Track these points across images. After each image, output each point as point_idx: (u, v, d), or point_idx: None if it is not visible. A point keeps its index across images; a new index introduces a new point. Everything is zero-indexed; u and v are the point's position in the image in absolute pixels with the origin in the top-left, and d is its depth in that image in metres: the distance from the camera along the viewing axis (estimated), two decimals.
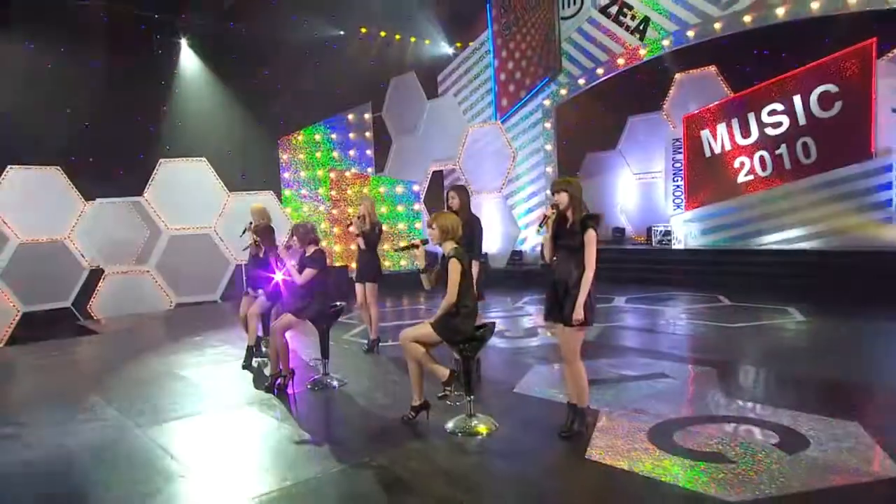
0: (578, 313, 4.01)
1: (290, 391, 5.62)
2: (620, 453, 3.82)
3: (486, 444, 4.22)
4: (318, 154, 14.15)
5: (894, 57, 10.96)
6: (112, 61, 13.73)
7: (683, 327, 7.92)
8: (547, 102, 13.20)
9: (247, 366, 6.64)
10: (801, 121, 10.88)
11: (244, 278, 7.29)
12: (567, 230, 4.15)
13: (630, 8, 11.78)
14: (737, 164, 11.75)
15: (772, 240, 11.36)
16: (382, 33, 17.45)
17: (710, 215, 12.18)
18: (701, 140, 12.19)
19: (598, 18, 12.27)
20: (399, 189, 13.88)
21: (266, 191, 13.08)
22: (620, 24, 11.95)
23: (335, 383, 5.79)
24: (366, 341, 7.25)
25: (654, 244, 12.97)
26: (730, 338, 7.21)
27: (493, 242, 13.39)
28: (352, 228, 7.15)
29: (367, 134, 14.55)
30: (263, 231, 7.05)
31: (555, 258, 4.24)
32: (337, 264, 13.52)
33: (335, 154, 14.28)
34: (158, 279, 12.10)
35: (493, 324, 4.46)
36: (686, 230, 12.48)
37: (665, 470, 3.57)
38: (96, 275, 11.94)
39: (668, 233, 12.63)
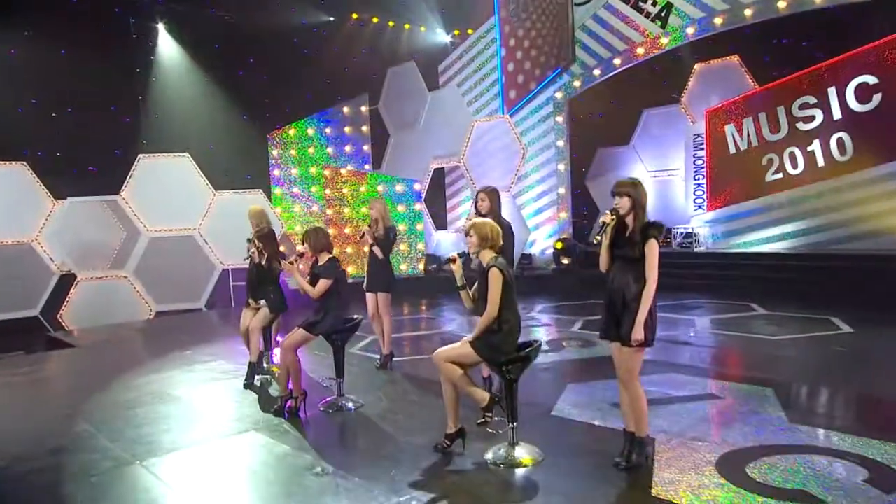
0: (638, 332, 3.83)
1: (301, 415, 5.38)
2: (692, 489, 3.63)
3: (532, 478, 4.02)
4: (311, 150, 13.89)
5: None
6: (82, 47, 13.38)
7: (721, 339, 7.78)
8: (559, 95, 13.05)
9: (249, 384, 6.39)
10: (837, 115, 10.80)
11: (246, 288, 6.99)
12: (626, 238, 3.96)
13: None
14: (764, 162, 11.66)
15: (803, 243, 11.30)
16: (375, 19, 17.26)
17: (735, 216, 12.12)
18: (725, 135, 12.12)
19: (616, 4, 12.13)
20: (399, 188, 13.66)
21: (255, 189, 12.82)
22: (640, 10, 11.82)
23: (351, 405, 5.56)
24: (378, 356, 7.02)
25: (674, 246, 12.85)
26: (775, 351, 7.05)
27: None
28: (366, 238, 6.75)
29: (364, 128, 14.32)
30: (266, 237, 6.81)
31: (611, 270, 4.06)
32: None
33: (329, 150, 14.02)
34: (137, 285, 11.81)
35: (539, 342, 4.25)
36: (708, 232, 12.39)
37: None
38: (67, 281, 11.62)
39: (689, 234, 12.52)
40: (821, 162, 11.05)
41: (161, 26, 14.72)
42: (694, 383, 5.74)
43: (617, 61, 12.23)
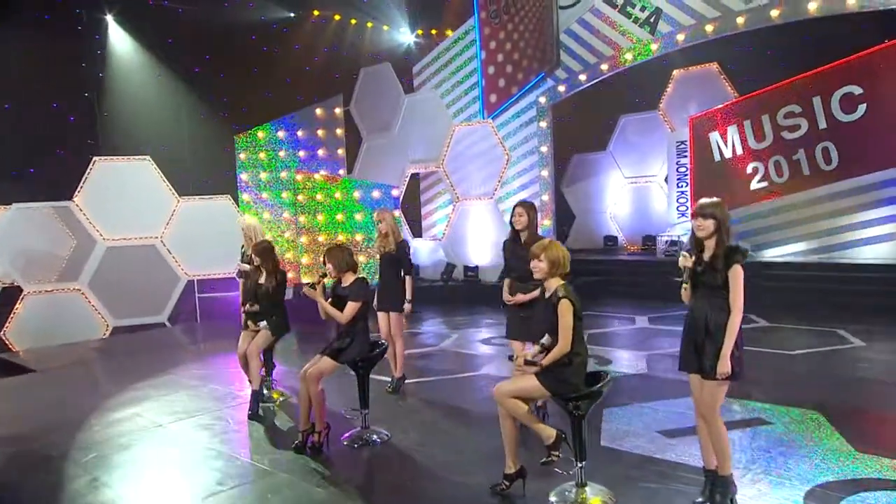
0: (725, 365, 3.66)
1: (324, 449, 5.03)
2: None
3: None
4: (282, 153, 13.35)
5: None
6: (22, 38, 12.51)
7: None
8: (542, 100, 12.93)
9: (253, 415, 5.95)
10: (822, 124, 11.05)
11: (241, 309, 6.55)
12: (707, 263, 3.80)
13: None
14: (749, 170, 11.86)
15: (787, 251, 11.57)
16: (337, 16, 16.86)
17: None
18: (710, 143, 12.26)
19: (602, 8, 12.09)
20: (376, 194, 13.28)
21: (222, 195, 12.23)
22: (628, 15, 11.81)
23: (377, 438, 5.25)
24: (388, 379, 6.69)
25: (657, 255, 12.94)
26: (799, 368, 7.12)
27: (483, 254, 13.05)
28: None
29: (339, 131, 13.86)
30: (264, 252, 6.37)
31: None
32: (304, 280, 12.78)
33: (301, 154, 13.51)
34: (91, 299, 11.05)
35: (610, 376, 4.04)
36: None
37: None
38: (12, 295, 10.77)
39: (674, 242, 12.63)
40: (806, 171, 11.30)
41: (110, 18, 13.94)
42: (730, 406, 5.66)
43: (604, 67, 12.19)
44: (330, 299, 5.19)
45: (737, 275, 3.70)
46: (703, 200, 3.91)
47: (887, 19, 10.73)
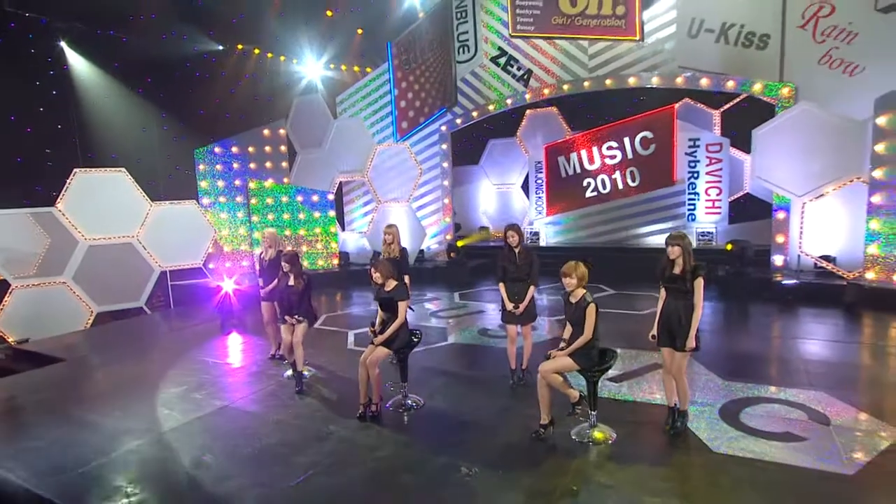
0: (691, 343, 4.21)
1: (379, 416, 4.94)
2: (728, 441, 4.13)
3: (615, 449, 4.21)
4: (236, 165, 12.16)
5: (684, 115, 12.98)
6: None
7: (614, 317, 8.09)
8: (444, 128, 13.03)
9: (300, 391, 5.65)
10: (630, 155, 12.17)
11: (280, 307, 6.06)
12: (678, 276, 4.29)
13: (516, 61, 12.09)
14: (584, 183, 12.75)
15: (610, 238, 12.86)
16: (256, 50, 15.55)
17: (565, 220, 13.33)
18: (558, 164, 13.05)
19: (490, 66, 12.37)
20: (315, 198, 12.62)
21: (188, 200, 10.93)
22: (508, 72, 12.21)
23: (413, 403, 5.24)
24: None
25: (525, 241, 13.68)
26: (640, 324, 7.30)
27: (403, 242, 12.92)
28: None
29: (283, 147, 12.87)
30: (293, 259, 5.96)
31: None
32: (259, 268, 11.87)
33: (252, 165, 12.40)
34: (76, 289, 9.49)
35: (615, 353, 4.42)
36: (547, 231, 13.49)
37: None
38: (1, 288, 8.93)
39: (535, 233, 13.48)
40: (620, 186, 12.47)
41: (63, 44, 11.66)
42: (638, 356, 6.27)
43: (491, 107, 12.54)
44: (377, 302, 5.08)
45: (699, 284, 4.21)
46: (673, 234, 4.35)
47: (667, 94, 12.16)
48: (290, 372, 6.14)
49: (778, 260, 10.01)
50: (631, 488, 3.63)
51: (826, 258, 9.38)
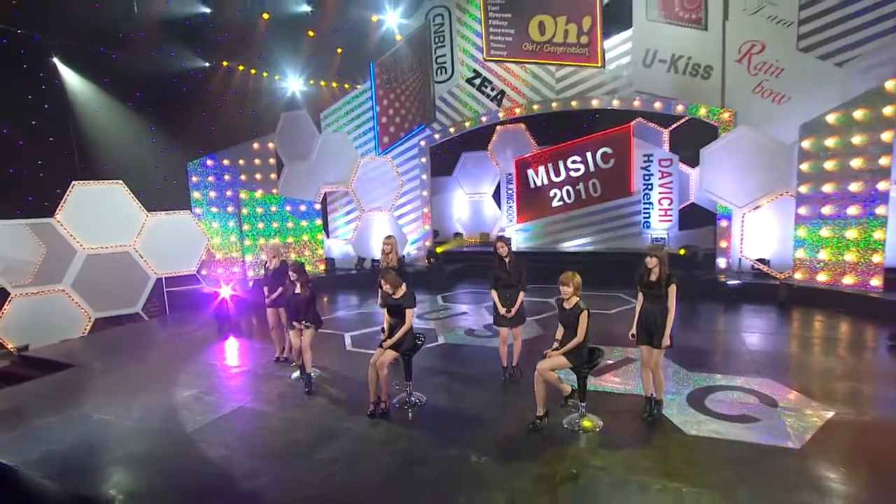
0: (667, 341, 4.53)
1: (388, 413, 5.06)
2: (698, 425, 4.48)
3: (603, 435, 4.47)
4: (227, 176, 11.95)
5: (638, 133, 13.53)
6: None
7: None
8: (423, 143, 13.18)
9: (309, 391, 5.71)
10: (592, 168, 12.70)
11: (288, 313, 6.08)
12: (654, 283, 4.60)
13: (490, 82, 12.38)
14: (551, 194, 13.20)
15: (574, 243, 13.29)
16: (241, 67, 15.34)
17: (533, 227, 13.70)
18: (528, 176, 13.46)
19: (465, 86, 12.62)
20: (302, 207, 12.54)
21: (183, 210, 10.70)
22: (483, 92, 12.48)
23: (416, 400, 5.37)
24: None
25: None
26: (622, 323, 7.69)
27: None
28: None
29: (272, 160, 12.73)
30: (300, 269, 6.01)
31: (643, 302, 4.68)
32: (251, 274, 11.73)
33: (243, 177, 12.21)
34: (75, 297, 9.19)
35: (602, 351, 4.69)
36: (518, 237, 13.83)
37: None
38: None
39: (508, 239, 13.71)
40: (583, 196, 12.95)
41: (56, 60, 11.20)
42: (612, 354, 6.38)
43: (467, 124, 12.78)
44: (385, 308, 5.21)
45: (673, 290, 4.53)
46: (651, 246, 4.67)
47: (622, 113, 12.60)
48: (296, 374, 6.19)
49: (721, 263, 10.64)
50: (622, 469, 3.90)
51: (762, 261, 10.06)
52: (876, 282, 8.31)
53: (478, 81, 12.46)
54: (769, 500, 3.50)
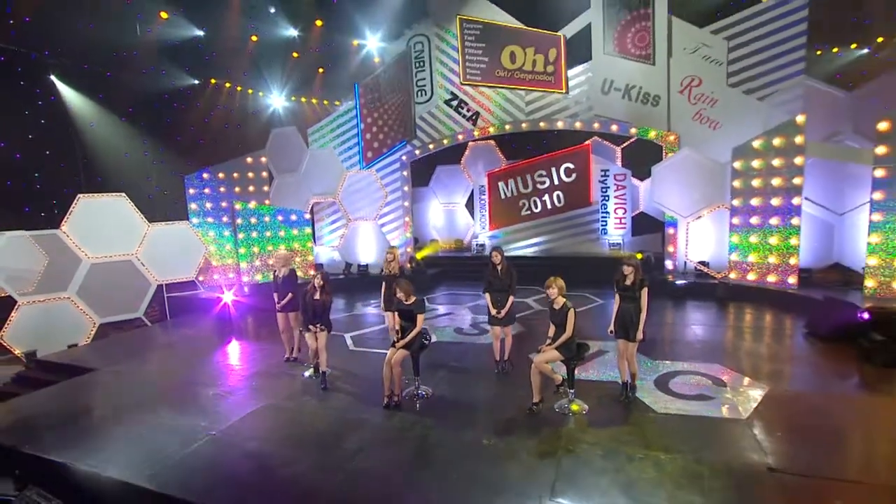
0: (640, 336, 5.03)
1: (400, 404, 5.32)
2: (665, 404, 5.00)
3: (588, 415, 4.91)
4: (222, 188, 11.81)
5: (595, 149, 14.25)
6: None
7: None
8: (404, 158, 13.43)
9: (325, 387, 5.90)
10: (556, 182, 13.31)
11: (304, 317, 6.22)
12: (629, 286, 5.10)
13: (466, 104, 12.78)
14: (520, 204, 13.65)
15: (538, 249, 13.80)
16: (227, 84, 15.18)
17: (504, 234, 14.14)
18: (499, 188, 13.92)
19: (443, 107, 12.96)
20: (293, 217, 12.54)
21: (182, 221, 10.54)
22: (459, 113, 12.87)
23: (423, 393, 5.65)
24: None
25: (472, 251, 14.38)
26: (594, 319, 8.21)
27: (369, 256, 13.19)
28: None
29: (264, 173, 12.64)
30: (326, 277, 6.16)
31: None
32: (245, 279, 11.65)
33: (237, 189, 12.09)
34: (80, 304, 8.99)
35: (587, 345, 5.12)
36: (490, 243, 14.26)
37: None
38: (6, 305, 8.28)
39: (482, 244, 14.20)
40: (549, 206, 13.53)
41: (53, 77, 10.81)
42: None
43: (446, 141, 13.11)
44: (397, 313, 5.48)
45: (645, 293, 5.04)
46: (627, 255, 5.15)
47: (580, 133, 13.29)
48: (309, 372, 6.35)
49: (669, 265, 11.46)
50: (610, 443, 4.35)
51: (703, 263, 10.92)
52: (792, 280, 9.24)
53: (455, 103, 12.83)
54: (728, 460, 4.03)
